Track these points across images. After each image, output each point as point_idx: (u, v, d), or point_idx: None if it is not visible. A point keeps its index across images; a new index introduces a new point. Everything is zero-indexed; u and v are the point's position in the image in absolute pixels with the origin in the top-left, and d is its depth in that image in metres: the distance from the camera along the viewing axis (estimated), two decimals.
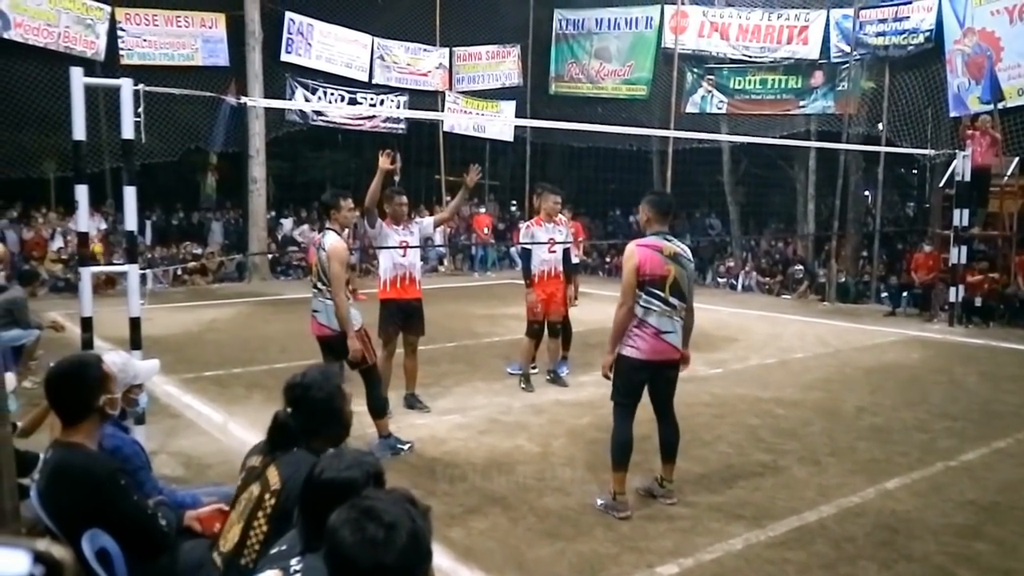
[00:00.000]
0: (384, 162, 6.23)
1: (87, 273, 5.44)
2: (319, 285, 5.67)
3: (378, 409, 5.85)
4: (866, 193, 18.48)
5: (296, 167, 21.50)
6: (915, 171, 22.32)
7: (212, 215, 19.28)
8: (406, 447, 5.86)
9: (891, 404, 7.41)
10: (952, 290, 12.16)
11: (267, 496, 2.63)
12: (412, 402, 7.09)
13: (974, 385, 8.32)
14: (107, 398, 2.95)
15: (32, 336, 7.88)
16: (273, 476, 2.66)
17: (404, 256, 6.77)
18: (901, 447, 6.11)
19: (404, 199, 6.93)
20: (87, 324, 5.30)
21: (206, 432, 6.38)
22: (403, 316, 6.80)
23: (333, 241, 5.64)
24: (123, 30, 15.92)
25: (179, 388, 7.72)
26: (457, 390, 7.78)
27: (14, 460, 2.87)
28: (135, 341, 5.42)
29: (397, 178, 17.89)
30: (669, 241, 4.90)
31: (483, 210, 20.95)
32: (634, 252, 4.83)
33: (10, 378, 5.08)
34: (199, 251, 17.56)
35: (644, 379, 4.83)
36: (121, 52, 15.85)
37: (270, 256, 17.74)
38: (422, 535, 1.64)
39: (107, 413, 2.99)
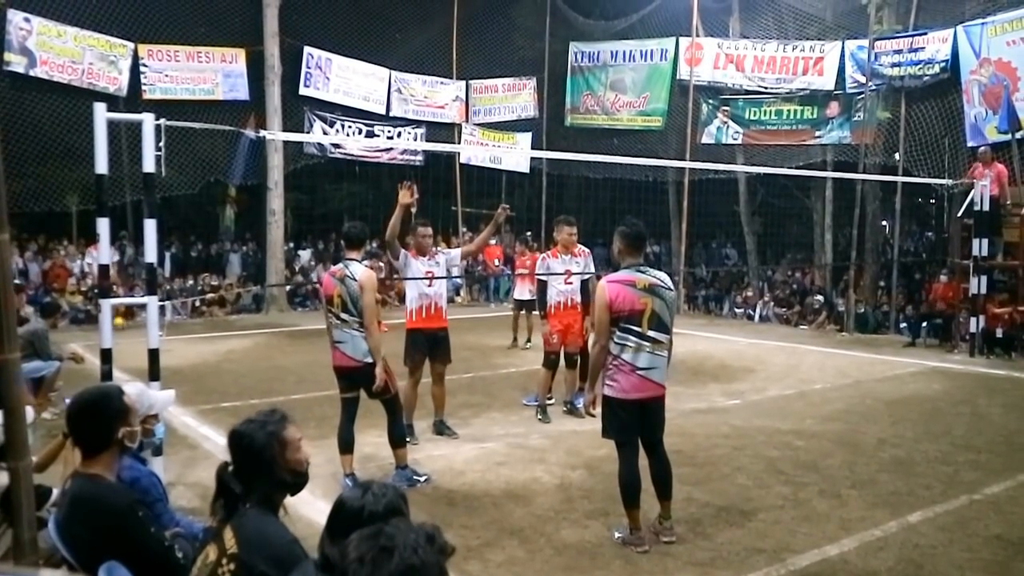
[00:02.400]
0: (404, 196, 6.26)
1: (107, 305, 5.49)
2: (343, 316, 5.64)
3: (398, 439, 5.87)
4: (884, 223, 18.40)
5: (314, 199, 21.66)
6: (933, 201, 22.19)
7: (231, 247, 19.44)
8: (423, 479, 5.86)
9: (913, 436, 7.32)
10: (973, 320, 12.04)
11: (224, 560, 2.42)
12: (441, 428, 7.16)
13: (998, 417, 8.19)
14: (127, 430, 2.97)
15: (52, 368, 7.95)
16: (229, 539, 2.46)
17: (430, 286, 6.86)
18: (924, 480, 6.02)
19: (429, 231, 7.07)
20: (107, 356, 5.34)
21: None
22: (429, 345, 6.89)
23: (364, 271, 5.66)
24: (146, 66, 16.20)
25: (196, 419, 7.74)
26: (475, 421, 7.76)
27: (33, 491, 2.88)
28: (154, 372, 5.45)
29: (414, 210, 18.00)
30: (643, 273, 4.71)
31: (494, 241, 20.99)
32: (605, 288, 4.68)
33: (28, 411, 5.10)
34: (217, 282, 17.69)
35: (633, 416, 4.71)
36: (143, 87, 16.12)
37: (288, 287, 17.85)
38: (420, 569, 1.61)
39: (127, 445, 3.00)
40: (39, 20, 14.85)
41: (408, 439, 6.81)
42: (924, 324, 13.52)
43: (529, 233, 16.95)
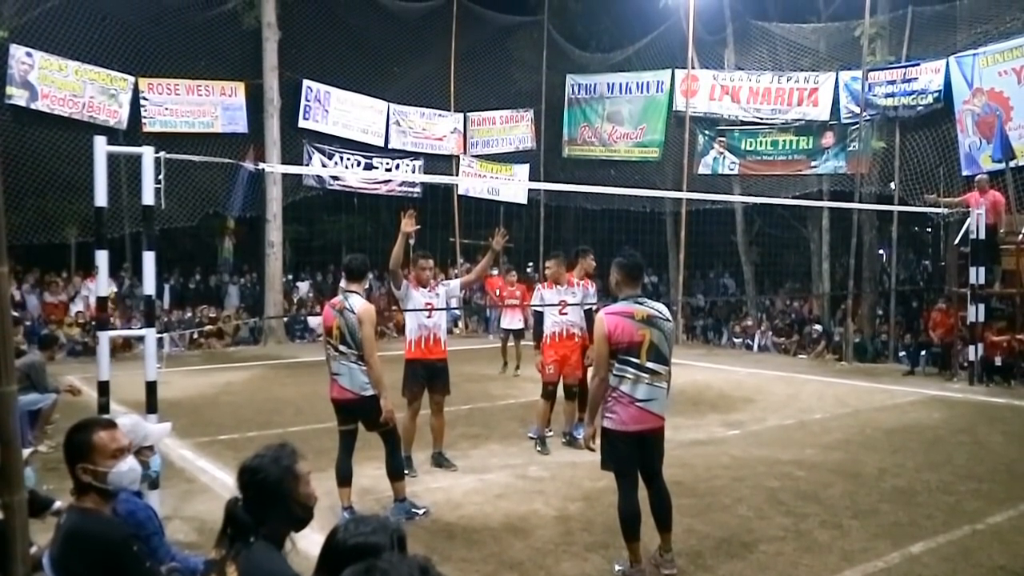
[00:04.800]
0: (407, 224, 6.26)
1: (105, 337, 5.47)
2: (341, 348, 5.61)
3: (396, 471, 5.82)
4: (880, 252, 18.46)
5: (312, 231, 21.73)
6: (929, 229, 22.29)
7: (229, 279, 19.45)
8: (421, 512, 5.81)
9: (914, 465, 7.28)
10: (971, 348, 12.03)
11: None
12: (440, 460, 7.10)
13: (999, 445, 8.16)
14: (88, 467, 2.93)
15: (49, 400, 7.92)
16: (232, 574, 2.45)
17: (429, 317, 6.84)
18: (926, 510, 5.98)
19: (430, 263, 7.08)
20: (104, 388, 5.32)
21: (220, 497, 6.31)
22: (428, 376, 6.87)
23: (362, 304, 5.64)
24: (146, 99, 16.33)
25: (194, 452, 7.70)
26: (473, 453, 7.72)
27: (27, 526, 2.86)
28: (151, 405, 5.42)
29: (412, 241, 18.05)
30: (641, 304, 4.69)
31: (495, 272, 21.02)
32: (603, 321, 4.65)
33: (24, 452, 5.07)
34: (215, 314, 17.68)
35: (632, 448, 4.67)
36: (143, 120, 16.24)
37: (286, 319, 17.83)
38: None
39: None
40: (41, 55, 15.00)
41: (406, 471, 6.78)
42: (923, 352, 13.52)
43: (531, 265, 17.03)
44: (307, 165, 17.72)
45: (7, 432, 2.30)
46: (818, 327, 16.59)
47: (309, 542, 4.42)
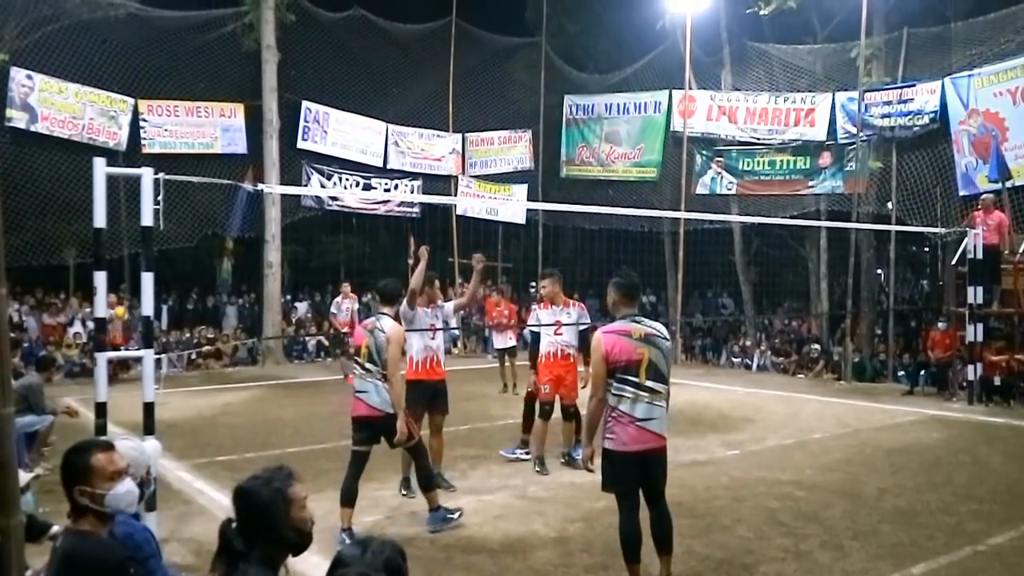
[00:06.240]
0: (423, 252, 6.76)
1: (103, 358, 5.46)
2: (368, 366, 5.80)
3: (427, 483, 5.99)
4: (879, 271, 18.49)
5: (311, 251, 21.77)
6: (927, 249, 22.35)
7: (227, 299, 19.44)
8: (456, 516, 5.97)
9: (914, 485, 7.25)
10: (970, 368, 12.02)
11: None
12: (438, 481, 7.05)
13: (999, 465, 8.14)
14: (85, 490, 2.92)
15: (46, 422, 7.88)
16: None
17: (433, 338, 6.96)
18: (927, 530, 5.95)
19: (437, 283, 7.19)
20: (101, 409, 5.30)
21: (218, 519, 6.25)
22: (429, 396, 6.92)
23: (393, 325, 5.92)
24: (145, 120, 16.40)
25: (191, 473, 7.66)
26: (472, 473, 7.69)
27: (24, 550, 2.84)
28: (149, 426, 5.40)
29: (411, 261, 18.09)
30: (639, 323, 4.67)
31: (493, 293, 21.02)
32: (600, 340, 4.61)
33: (23, 475, 5.06)
34: (214, 335, 17.65)
35: (633, 469, 4.61)
36: (143, 141, 16.30)
37: (284, 340, 17.81)
38: None
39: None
40: (41, 77, 15.08)
41: (404, 492, 6.78)
42: (922, 372, 13.50)
43: (533, 285, 16.98)
44: (306, 185, 17.76)
45: (3, 454, 2.29)
46: (817, 346, 16.58)
47: (308, 564, 4.41)
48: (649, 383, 4.57)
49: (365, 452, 5.85)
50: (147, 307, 5.64)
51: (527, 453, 8.07)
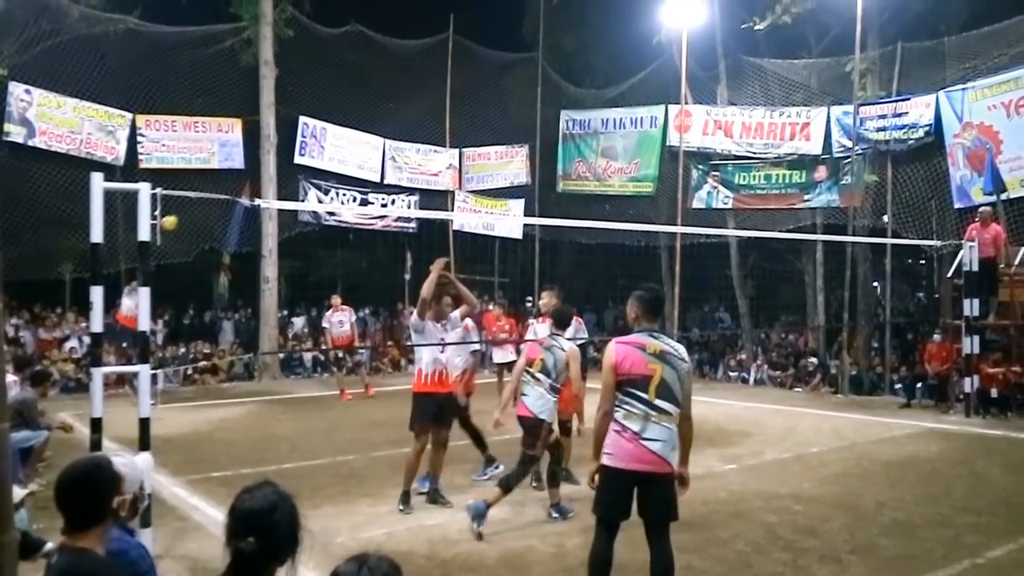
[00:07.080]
0: (438, 265, 7.15)
1: (98, 373, 5.45)
2: (539, 376, 6.52)
3: (552, 479, 6.69)
4: (875, 284, 18.52)
5: (308, 266, 21.74)
6: (923, 261, 22.41)
7: (224, 314, 19.41)
8: (571, 513, 6.52)
9: (912, 498, 7.24)
10: (967, 380, 12.03)
11: None
12: (435, 497, 7.06)
13: (997, 478, 8.13)
14: (120, 499, 2.92)
15: (41, 437, 7.85)
16: None
17: (443, 352, 7.07)
18: (925, 543, 5.94)
19: (449, 299, 7.21)
20: (97, 425, 5.28)
21: (213, 535, 6.25)
22: (437, 408, 6.97)
23: (571, 346, 6.62)
24: (143, 135, 16.43)
25: (186, 489, 7.62)
26: (470, 489, 7.64)
27: (17, 565, 2.82)
28: (144, 441, 5.39)
29: (408, 276, 18.10)
30: (656, 338, 4.39)
31: (491, 307, 21.01)
32: (612, 349, 4.38)
33: (17, 492, 5.03)
34: (210, 350, 17.61)
35: (623, 491, 4.31)
36: (140, 156, 16.33)
37: (281, 355, 17.78)
38: None
39: (119, 515, 2.95)
40: (40, 92, 15.12)
41: (402, 507, 6.75)
42: (919, 385, 13.50)
43: (530, 300, 17.03)
44: (303, 201, 17.78)
45: None
46: (814, 360, 16.58)
47: None
48: (659, 402, 4.29)
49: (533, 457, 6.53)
50: (144, 322, 5.63)
51: (496, 467, 7.99)
